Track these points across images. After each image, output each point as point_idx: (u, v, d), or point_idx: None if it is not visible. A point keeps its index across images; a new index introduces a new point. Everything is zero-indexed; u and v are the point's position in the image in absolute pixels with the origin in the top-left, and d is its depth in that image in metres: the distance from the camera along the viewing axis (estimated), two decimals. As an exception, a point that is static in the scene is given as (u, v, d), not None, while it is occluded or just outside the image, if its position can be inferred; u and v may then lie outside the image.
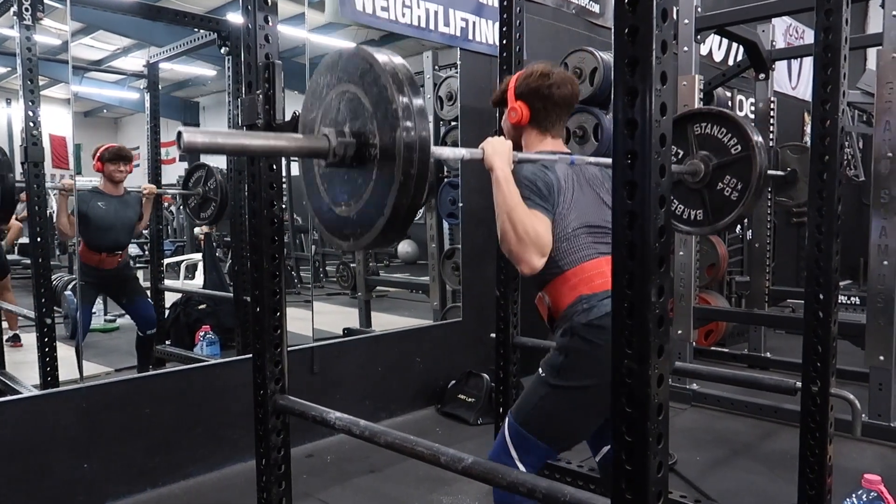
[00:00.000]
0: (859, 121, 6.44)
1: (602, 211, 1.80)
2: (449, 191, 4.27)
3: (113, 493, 2.66)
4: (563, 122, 1.90)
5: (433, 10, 3.67)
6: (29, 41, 2.89)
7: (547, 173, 1.73)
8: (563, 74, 1.86)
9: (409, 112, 1.22)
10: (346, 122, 1.33)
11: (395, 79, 1.25)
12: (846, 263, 3.30)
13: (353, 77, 1.32)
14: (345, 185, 1.37)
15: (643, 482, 0.97)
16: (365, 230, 1.32)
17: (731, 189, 2.21)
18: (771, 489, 2.75)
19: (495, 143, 1.68)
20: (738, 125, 2.21)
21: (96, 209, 3.64)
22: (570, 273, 1.73)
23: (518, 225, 1.62)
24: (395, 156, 1.22)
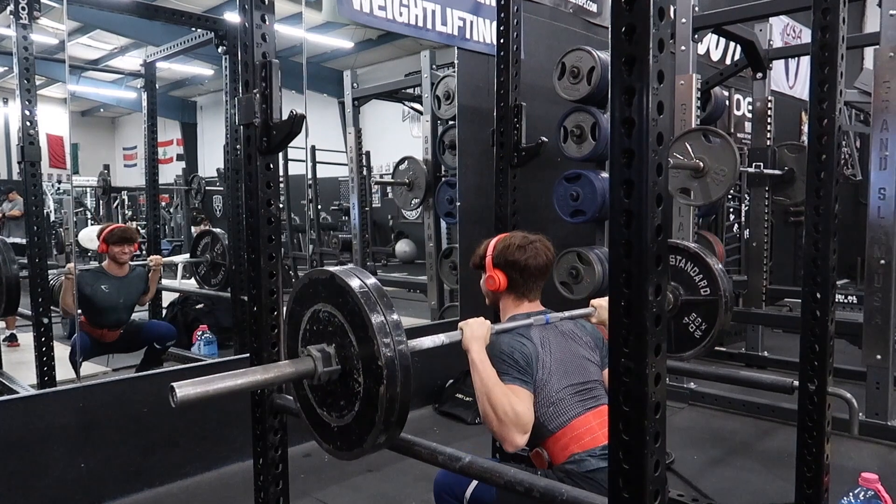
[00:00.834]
0: (856, 120, 6.45)
1: (583, 366, 1.87)
2: (446, 190, 4.27)
3: (110, 493, 2.65)
4: (539, 287, 1.98)
5: (431, 10, 3.67)
6: (26, 40, 2.89)
7: (524, 344, 1.80)
8: (538, 244, 1.94)
9: (388, 335, 1.28)
10: (332, 341, 1.38)
11: (367, 300, 1.30)
12: (843, 262, 3.31)
13: (340, 307, 1.37)
14: (330, 396, 1.41)
15: (641, 481, 0.97)
16: (354, 446, 1.37)
17: (696, 327, 2.28)
18: (768, 488, 2.76)
19: (473, 326, 1.77)
20: (710, 269, 2.27)
21: (99, 292, 3.63)
22: (559, 434, 1.78)
23: (497, 407, 1.67)
24: (377, 407, 1.27)
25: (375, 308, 1.29)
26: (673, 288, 2.30)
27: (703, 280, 2.27)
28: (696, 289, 2.28)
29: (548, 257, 1.95)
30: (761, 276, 4.56)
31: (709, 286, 2.25)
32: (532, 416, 1.71)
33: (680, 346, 2.32)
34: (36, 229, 3.00)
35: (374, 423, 1.28)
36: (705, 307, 2.26)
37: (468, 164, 3.96)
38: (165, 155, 8.08)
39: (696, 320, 2.28)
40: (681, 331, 2.31)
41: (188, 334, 4.16)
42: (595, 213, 3.32)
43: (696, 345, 2.28)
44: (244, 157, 1.78)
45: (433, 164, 4.41)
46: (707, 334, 2.25)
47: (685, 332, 2.30)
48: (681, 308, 2.29)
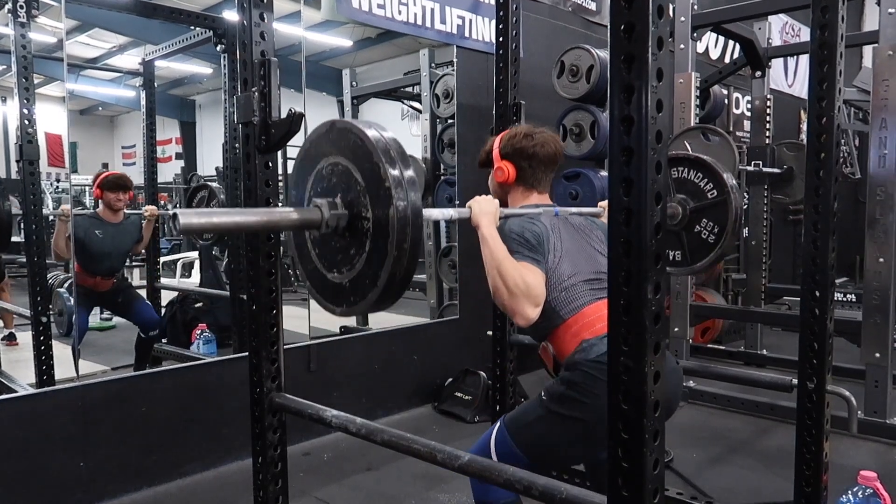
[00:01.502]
0: (855, 118, 6.45)
1: (593, 259, 1.84)
2: (446, 188, 4.27)
3: (109, 492, 2.65)
4: (548, 178, 1.95)
5: (429, 8, 3.67)
6: (24, 39, 2.88)
7: (534, 224, 1.77)
8: (546, 134, 1.91)
9: (402, 187, 1.24)
10: (337, 193, 1.35)
11: (386, 154, 1.26)
12: (842, 261, 3.31)
13: (345, 151, 1.34)
14: (337, 252, 1.38)
15: (640, 479, 0.97)
16: (359, 299, 1.34)
17: (709, 232, 2.27)
18: (767, 486, 2.76)
19: (482, 202, 1.73)
20: (713, 171, 2.26)
21: (93, 237, 3.65)
22: (571, 321, 1.75)
23: (508, 279, 1.64)
24: (388, 231, 1.23)
25: (392, 160, 1.25)
26: (680, 200, 2.28)
27: (709, 184, 2.25)
28: (702, 194, 2.26)
29: (556, 147, 1.91)
30: (760, 274, 4.56)
31: (715, 188, 2.23)
32: (543, 291, 1.68)
33: (695, 256, 2.29)
34: (34, 228, 3.00)
35: (381, 275, 1.25)
36: (715, 210, 2.24)
37: (467, 162, 3.96)
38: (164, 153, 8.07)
39: (707, 225, 2.26)
40: (694, 240, 2.29)
41: (187, 333, 4.15)
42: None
43: (711, 250, 2.25)
44: (243, 155, 1.78)
45: (432, 162, 4.41)
46: (720, 237, 2.23)
47: (698, 240, 2.28)
48: (690, 217, 2.27)
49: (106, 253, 3.72)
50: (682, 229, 2.28)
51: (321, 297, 1.44)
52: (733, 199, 2.21)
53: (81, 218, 3.71)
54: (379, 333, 3.89)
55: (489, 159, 1.95)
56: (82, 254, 3.62)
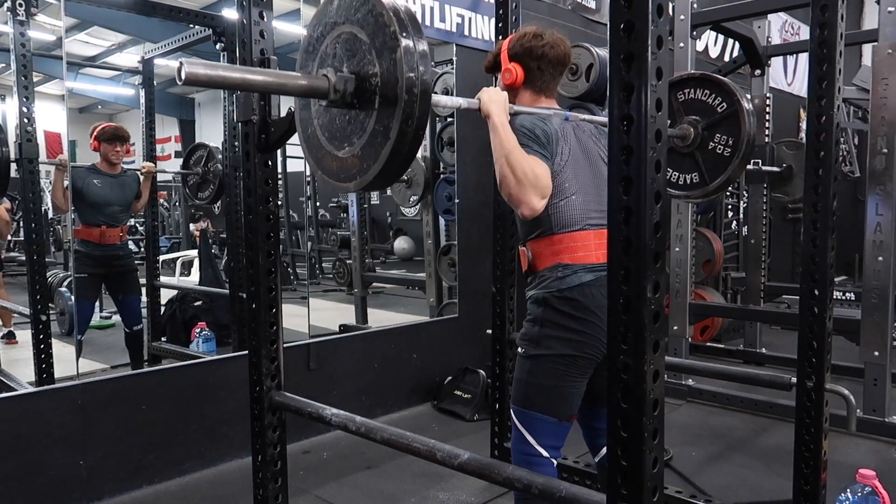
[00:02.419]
0: (855, 117, 6.45)
1: (598, 174, 1.82)
2: (445, 187, 4.27)
3: (108, 490, 2.65)
4: (556, 81, 1.91)
5: (429, 6, 3.66)
6: (23, 37, 2.88)
7: (545, 122, 1.75)
8: (555, 35, 1.88)
9: (406, 27, 1.21)
10: (343, 63, 1.32)
11: (395, 13, 1.24)
12: (841, 259, 3.31)
13: (350, 16, 1.31)
14: (346, 125, 1.35)
15: (639, 478, 0.97)
16: (371, 162, 1.30)
17: (724, 146, 2.24)
18: (766, 484, 2.76)
19: (491, 93, 1.70)
20: (720, 84, 2.24)
21: (92, 186, 3.59)
22: (556, 238, 1.76)
23: (517, 167, 1.63)
24: (397, 78, 1.21)
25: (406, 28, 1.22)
26: (691, 121, 2.26)
27: (717, 98, 2.23)
28: (712, 111, 2.24)
29: (565, 48, 1.88)
30: (759, 272, 4.57)
31: (724, 101, 2.22)
32: (550, 184, 1.67)
33: (713, 173, 2.27)
34: (34, 226, 3.00)
35: (391, 133, 1.23)
36: (727, 123, 2.22)
37: (467, 161, 3.96)
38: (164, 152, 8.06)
39: (721, 140, 2.23)
40: (709, 157, 2.27)
41: (186, 331, 4.15)
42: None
43: (729, 163, 2.23)
44: (242, 154, 1.78)
45: (432, 161, 4.41)
46: (736, 148, 2.21)
47: (713, 155, 2.26)
48: (703, 136, 2.26)
49: (107, 201, 3.64)
50: (695, 149, 2.26)
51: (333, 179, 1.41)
52: (744, 106, 2.18)
53: (79, 169, 3.63)
54: (378, 332, 3.89)
55: (496, 62, 1.91)
56: (81, 204, 3.55)
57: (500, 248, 2.74)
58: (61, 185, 3.29)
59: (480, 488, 2.63)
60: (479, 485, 2.62)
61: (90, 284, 3.72)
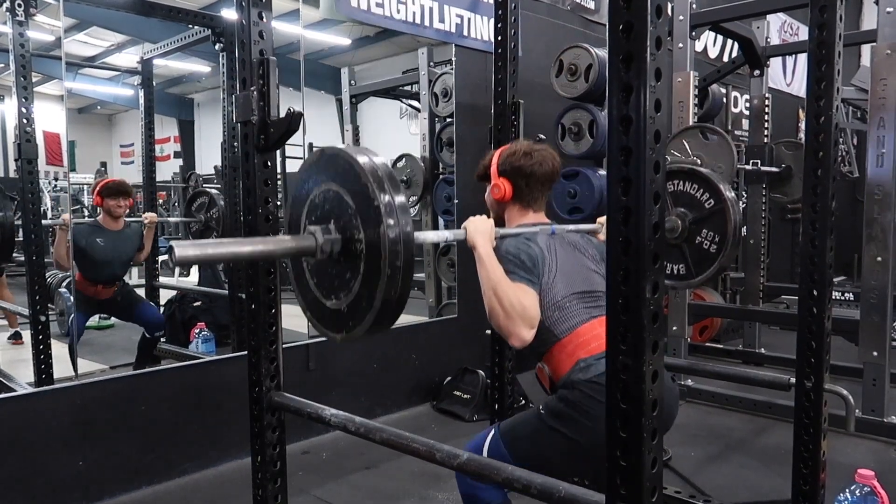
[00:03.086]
0: (853, 117, 6.46)
1: (589, 276, 1.85)
2: (444, 187, 4.27)
3: (108, 491, 2.65)
4: (544, 196, 1.95)
5: (428, 7, 3.66)
6: (22, 37, 2.88)
7: (530, 246, 1.77)
8: (544, 152, 1.91)
9: (392, 209, 1.26)
10: (331, 219, 1.37)
11: (375, 178, 1.28)
12: (840, 260, 3.31)
13: (336, 176, 1.35)
14: (333, 278, 1.39)
15: (638, 478, 0.97)
16: (357, 323, 1.35)
17: (710, 242, 2.27)
18: (765, 484, 2.77)
19: (477, 223, 1.73)
20: (708, 181, 2.27)
21: (94, 245, 3.63)
22: (565, 340, 1.75)
23: (504, 299, 1.65)
24: (380, 251, 1.25)
25: (383, 187, 1.26)
26: (679, 213, 2.29)
27: (705, 194, 2.26)
28: (700, 206, 2.27)
29: (554, 165, 1.91)
30: (758, 273, 4.57)
31: (711, 198, 2.24)
32: (538, 313, 1.69)
33: (699, 267, 2.30)
34: (33, 227, 3.00)
35: (376, 295, 1.26)
36: (713, 219, 2.25)
37: (466, 161, 3.96)
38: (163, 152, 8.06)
39: (707, 235, 2.27)
40: (696, 252, 2.30)
41: (186, 332, 4.15)
42: (592, 210, 3.32)
43: (714, 260, 2.27)
44: (242, 154, 1.78)
45: (431, 161, 4.41)
46: (722, 246, 2.24)
47: (700, 251, 2.29)
48: (690, 229, 2.28)
49: (107, 261, 3.69)
50: (683, 242, 2.29)
51: (321, 326, 1.46)
52: (731, 206, 2.22)
53: (82, 226, 3.70)
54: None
55: (487, 174, 1.96)
56: (84, 262, 3.60)
57: (500, 249, 2.74)
58: (65, 244, 3.33)
59: (480, 488, 2.63)
60: (479, 485, 2.61)
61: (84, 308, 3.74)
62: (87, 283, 3.66)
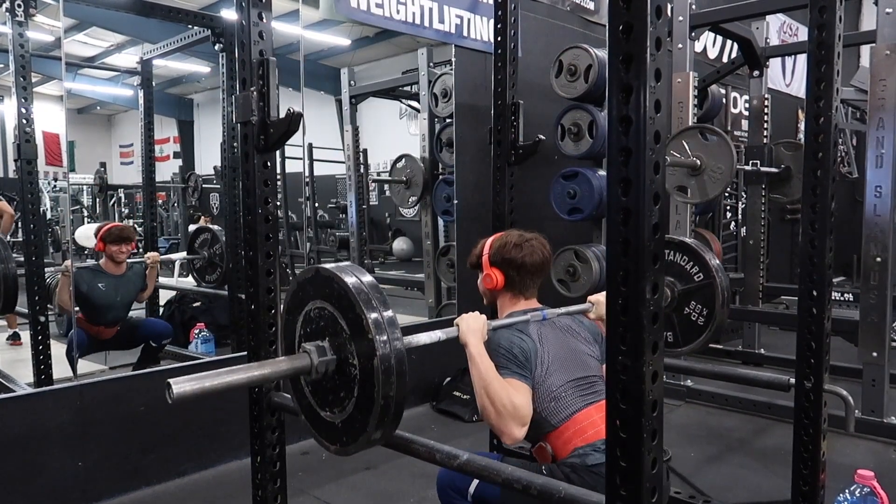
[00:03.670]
0: (853, 118, 6.46)
1: (583, 361, 1.87)
2: (444, 188, 4.27)
3: (107, 491, 2.65)
4: (536, 284, 1.97)
5: (428, 7, 3.66)
6: (21, 38, 2.88)
7: (522, 339, 1.79)
8: (534, 242, 1.94)
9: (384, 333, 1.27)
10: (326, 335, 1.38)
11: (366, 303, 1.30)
12: (840, 260, 3.32)
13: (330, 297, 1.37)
14: (328, 392, 1.40)
15: (637, 478, 0.97)
16: (351, 441, 1.37)
17: (698, 314, 2.30)
18: (765, 484, 2.77)
19: (469, 320, 1.75)
20: (697, 255, 2.30)
21: (96, 290, 3.63)
22: (562, 428, 1.77)
23: (495, 400, 1.66)
24: (374, 382, 1.26)
25: (370, 305, 1.29)
26: (668, 283, 2.31)
27: (695, 267, 2.30)
28: (689, 277, 2.30)
29: (544, 255, 1.95)
30: (758, 273, 4.57)
31: (700, 272, 2.28)
32: (530, 410, 1.70)
33: (686, 338, 2.33)
34: (32, 227, 3.00)
35: (370, 421, 1.28)
36: (701, 293, 2.28)
37: (466, 161, 3.96)
38: (162, 152, 8.07)
39: (696, 308, 2.30)
40: (684, 322, 2.32)
41: (185, 332, 4.15)
42: (592, 210, 3.32)
43: (702, 332, 2.29)
44: (241, 154, 1.78)
45: (430, 161, 4.41)
46: (709, 319, 2.27)
47: (688, 322, 2.32)
48: (679, 300, 2.31)
49: (110, 305, 3.69)
50: (672, 311, 2.32)
51: (316, 433, 1.48)
52: (719, 281, 2.26)
53: (84, 271, 3.68)
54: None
55: (479, 263, 1.99)
56: (86, 306, 3.60)
57: (499, 249, 2.74)
58: (67, 290, 3.35)
59: (479, 489, 2.63)
60: (478, 485, 2.61)
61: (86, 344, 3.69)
62: (89, 324, 3.65)
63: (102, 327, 3.70)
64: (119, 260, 3.68)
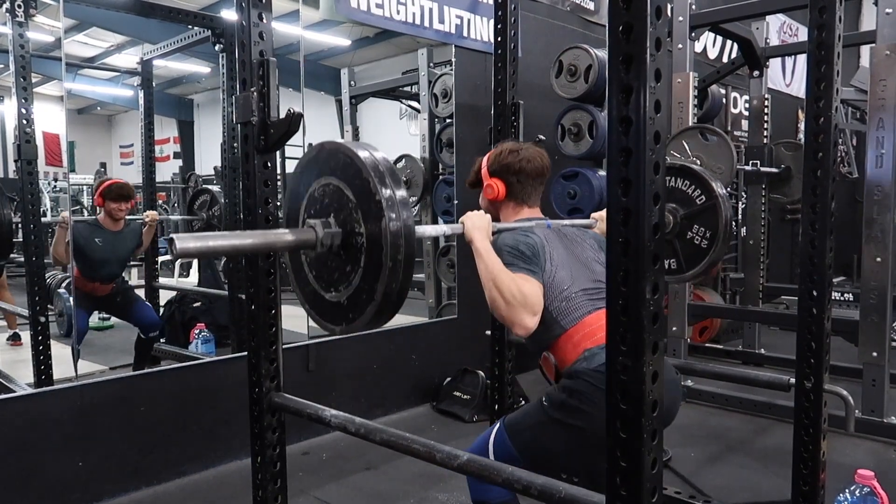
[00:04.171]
0: (853, 118, 6.46)
1: (591, 266, 1.86)
2: (444, 188, 4.27)
3: (107, 492, 2.65)
4: (538, 192, 1.97)
5: (428, 8, 3.67)
6: (22, 38, 2.88)
7: (528, 236, 1.78)
8: (531, 149, 1.94)
9: (393, 203, 1.26)
10: (330, 212, 1.37)
11: (376, 172, 1.29)
12: (840, 260, 3.32)
13: (336, 171, 1.36)
14: (333, 271, 1.39)
15: (638, 478, 0.97)
16: (357, 315, 1.35)
17: (701, 238, 2.28)
18: (765, 485, 2.77)
19: (474, 217, 1.74)
20: (699, 177, 2.29)
21: (93, 244, 3.65)
22: (572, 330, 1.75)
23: (504, 290, 1.65)
24: (382, 245, 1.25)
25: (377, 170, 1.27)
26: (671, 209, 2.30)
27: (696, 190, 2.29)
28: (691, 201, 2.29)
29: (543, 161, 1.94)
30: (758, 273, 4.57)
31: (703, 194, 2.27)
32: (541, 300, 1.69)
33: (690, 263, 2.32)
34: (32, 228, 3.00)
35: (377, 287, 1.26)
36: (704, 215, 2.27)
37: (466, 162, 3.95)
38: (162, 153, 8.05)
39: (699, 231, 2.28)
40: (687, 247, 2.31)
41: (185, 332, 4.15)
42: (592, 210, 3.31)
43: (705, 255, 2.28)
44: (242, 155, 1.78)
45: (431, 162, 4.41)
46: (713, 241, 2.25)
47: (691, 246, 2.30)
48: (682, 225, 2.30)
49: (105, 260, 3.72)
50: (674, 237, 2.31)
51: (320, 318, 1.46)
52: (722, 202, 2.24)
53: (82, 225, 3.71)
54: (377, 333, 3.88)
55: (478, 179, 1.99)
56: (82, 260, 3.62)
57: (499, 249, 2.74)
58: (63, 242, 3.36)
59: (479, 489, 2.63)
60: (479, 486, 2.61)
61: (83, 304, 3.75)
62: (84, 280, 3.69)
63: (98, 283, 3.73)
64: (117, 217, 3.70)
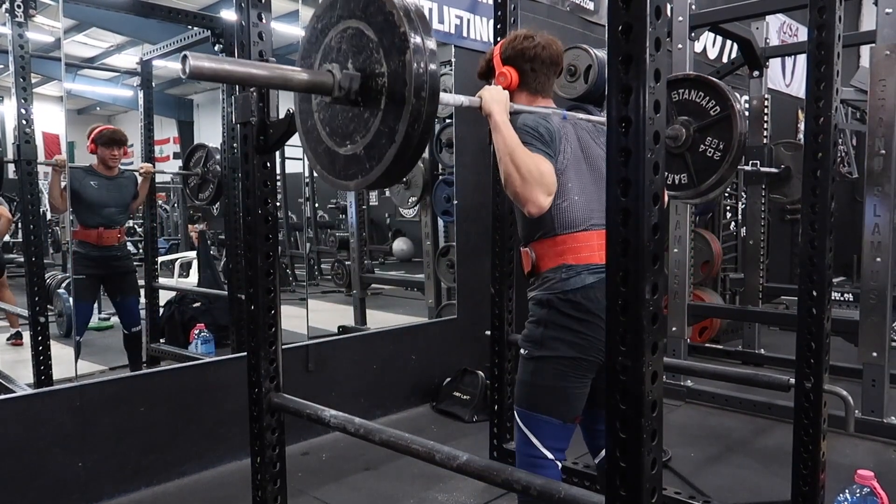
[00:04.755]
0: (853, 118, 6.46)
1: (597, 175, 1.80)
2: (444, 188, 4.27)
3: (107, 492, 2.65)
4: (551, 82, 1.91)
5: (427, 8, 3.67)
6: (21, 38, 2.88)
7: (547, 121, 1.74)
8: (546, 36, 1.87)
9: (416, 27, 1.19)
10: (348, 59, 1.30)
11: (401, 7, 1.21)
12: (839, 260, 3.32)
13: (357, 12, 1.28)
14: (349, 122, 1.32)
15: (637, 478, 0.97)
16: (375, 163, 1.27)
17: (714, 150, 2.24)
18: (765, 485, 2.77)
19: (493, 91, 1.70)
20: (715, 87, 2.24)
21: (88, 188, 3.60)
22: (559, 238, 1.75)
23: (521, 165, 1.61)
24: (405, 80, 1.19)
25: (409, 16, 1.20)
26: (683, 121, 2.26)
27: (710, 101, 2.23)
28: (705, 113, 2.24)
29: (557, 48, 1.88)
30: (758, 273, 4.57)
31: (717, 104, 2.22)
32: (555, 182, 1.66)
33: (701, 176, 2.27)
34: (32, 228, 3.00)
35: (398, 128, 1.20)
36: (718, 126, 2.22)
37: (465, 162, 3.96)
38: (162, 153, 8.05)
39: (712, 143, 2.23)
40: (699, 160, 2.27)
41: (185, 333, 4.15)
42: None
43: (719, 166, 2.23)
44: (241, 155, 1.78)
45: (430, 162, 4.41)
46: (727, 152, 2.21)
47: (704, 158, 2.26)
48: (694, 138, 2.26)
49: (104, 203, 3.64)
50: (686, 150, 2.26)
51: (333, 176, 1.38)
52: (737, 111, 2.19)
53: (76, 170, 3.63)
54: (377, 333, 3.89)
55: (490, 68, 1.90)
56: (79, 205, 3.56)
57: (499, 250, 2.74)
58: (58, 186, 3.30)
59: (479, 490, 2.63)
60: (478, 486, 2.61)
61: (89, 285, 3.72)
62: (86, 230, 3.60)
63: (101, 229, 3.64)
64: (111, 164, 3.65)
